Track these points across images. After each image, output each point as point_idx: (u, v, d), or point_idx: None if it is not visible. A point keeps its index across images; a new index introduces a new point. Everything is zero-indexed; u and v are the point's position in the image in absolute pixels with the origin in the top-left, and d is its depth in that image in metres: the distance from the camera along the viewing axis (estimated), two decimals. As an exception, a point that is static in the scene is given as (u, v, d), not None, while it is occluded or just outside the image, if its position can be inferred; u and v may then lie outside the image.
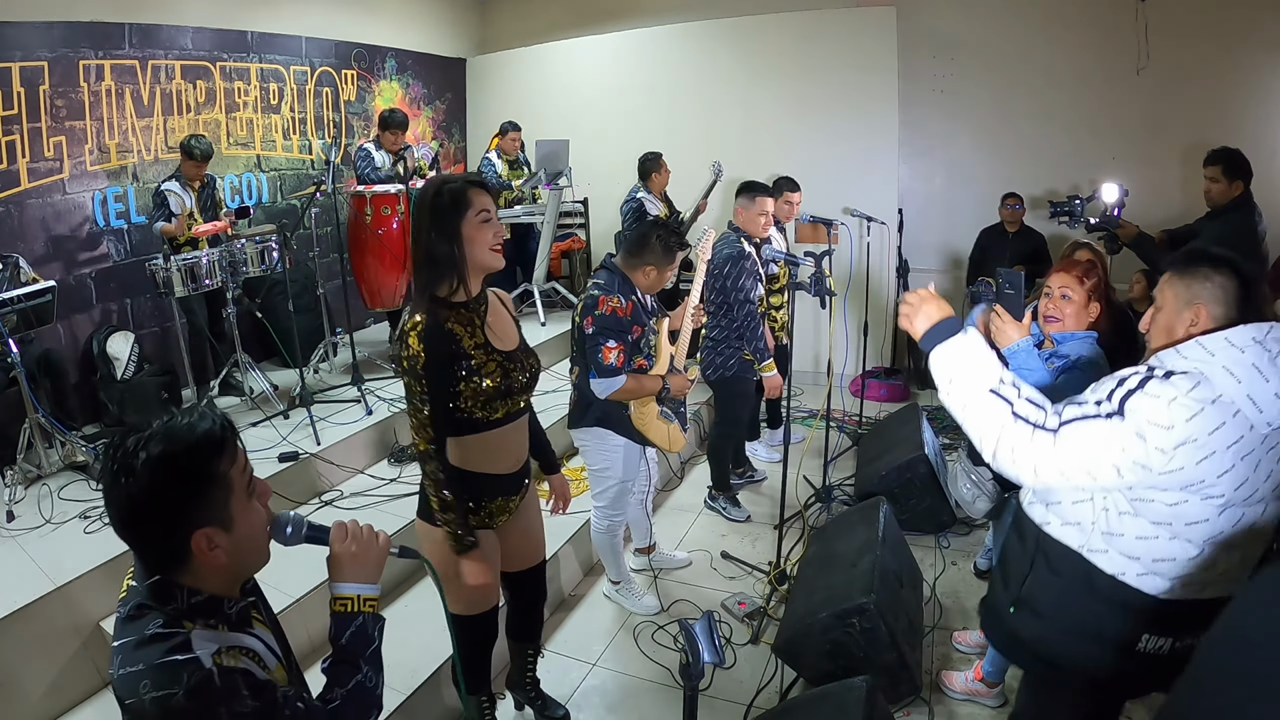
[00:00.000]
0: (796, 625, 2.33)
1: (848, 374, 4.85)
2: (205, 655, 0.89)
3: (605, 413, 2.53)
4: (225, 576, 0.99)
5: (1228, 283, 1.35)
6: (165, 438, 0.91)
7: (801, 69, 5.22)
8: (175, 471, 0.90)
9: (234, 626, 0.98)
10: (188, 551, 0.92)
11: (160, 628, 0.91)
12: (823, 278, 3.17)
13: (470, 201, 1.62)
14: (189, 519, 0.91)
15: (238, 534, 0.96)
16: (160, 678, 0.87)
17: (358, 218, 4.28)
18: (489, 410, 1.67)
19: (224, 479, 0.94)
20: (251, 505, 0.99)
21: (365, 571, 1.08)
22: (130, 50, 4.00)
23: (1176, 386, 1.25)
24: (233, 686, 0.88)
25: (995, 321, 1.90)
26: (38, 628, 2.19)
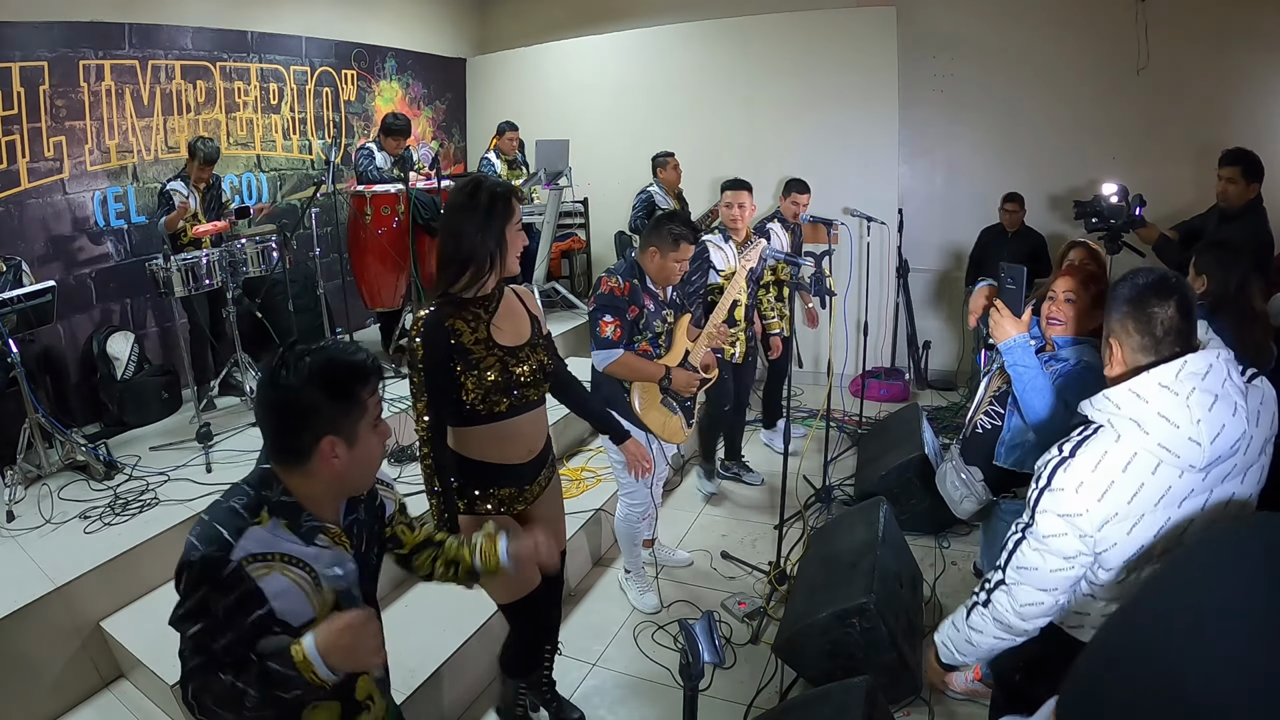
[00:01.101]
0: (796, 625, 2.33)
1: (848, 374, 4.85)
2: (240, 550, 1.03)
3: (609, 395, 2.60)
4: (331, 486, 1.13)
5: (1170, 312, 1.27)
6: (328, 353, 1.08)
7: (801, 69, 5.22)
8: (330, 378, 1.06)
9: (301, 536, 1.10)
10: (313, 451, 1.07)
11: (240, 505, 1.07)
12: (823, 278, 3.17)
13: (514, 209, 1.74)
14: (326, 422, 1.07)
15: (357, 452, 1.11)
16: (204, 532, 1.04)
17: (358, 218, 4.28)
18: (491, 403, 1.74)
19: (362, 402, 1.10)
20: (374, 434, 1.14)
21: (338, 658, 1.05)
22: (130, 50, 4.00)
23: (1079, 469, 1.25)
24: (229, 587, 1.01)
25: (994, 315, 1.90)
26: (38, 628, 2.19)
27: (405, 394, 3.69)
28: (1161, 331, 1.27)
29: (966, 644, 1.43)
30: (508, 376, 1.74)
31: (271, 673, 1.03)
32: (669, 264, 2.53)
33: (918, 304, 5.51)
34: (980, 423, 2.10)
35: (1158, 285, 1.28)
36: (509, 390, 1.75)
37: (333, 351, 1.10)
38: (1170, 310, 1.26)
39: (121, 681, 2.34)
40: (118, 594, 2.39)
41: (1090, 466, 1.24)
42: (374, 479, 1.22)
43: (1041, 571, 1.29)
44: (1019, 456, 1.98)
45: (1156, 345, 1.27)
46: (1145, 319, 1.27)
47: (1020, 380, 1.86)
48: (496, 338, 1.75)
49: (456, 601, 2.52)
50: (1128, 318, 1.30)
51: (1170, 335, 1.26)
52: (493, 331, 1.75)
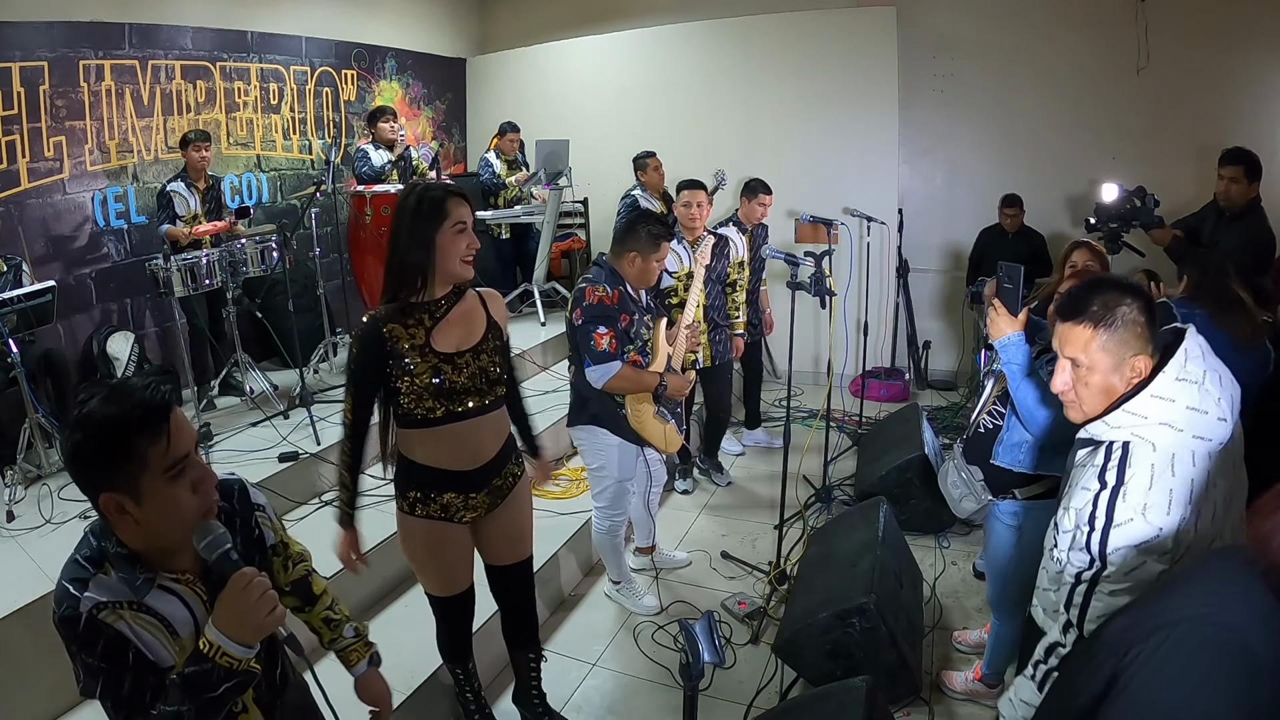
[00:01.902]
0: (796, 625, 2.33)
1: (848, 374, 4.85)
2: (88, 600, 0.97)
3: (599, 411, 2.54)
4: (144, 542, 1.03)
5: (1141, 315, 1.27)
6: (103, 400, 0.97)
7: (801, 69, 5.22)
8: (91, 435, 0.96)
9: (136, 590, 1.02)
10: (99, 508, 1.00)
11: (83, 557, 1.02)
12: (822, 278, 3.17)
13: (448, 212, 1.67)
14: (99, 479, 0.98)
15: (148, 510, 0.99)
16: (57, 593, 1.00)
17: (358, 218, 4.28)
18: (426, 409, 1.73)
19: (137, 455, 0.97)
20: (171, 488, 1.00)
21: (236, 629, 1.01)
22: (130, 50, 4.00)
23: (1137, 493, 1.21)
24: (91, 638, 0.96)
25: (991, 314, 1.91)
26: (38, 628, 2.19)
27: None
28: (1152, 331, 1.29)
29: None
30: (439, 382, 1.71)
31: (191, 678, 0.99)
32: (650, 266, 2.47)
33: (918, 304, 5.51)
34: (983, 422, 2.11)
35: (1133, 288, 1.30)
36: (441, 396, 1.72)
37: (107, 398, 0.97)
38: (1145, 305, 1.29)
39: (121, 681, 2.34)
40: (117, 594, 2.39)
41: (1145, 486, 1.21)
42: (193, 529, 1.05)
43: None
44: (1016, 456, 1.98)
45: (1154, 341, 1.29)
46: (1150, 322, 1.28)
47: (1014, 378, 1.87)
48: (435, 344, 1.72)
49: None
50: (1146, 328, 1.27)
51: (1147, 331, 1.29)
52: (433, 338, 1.72)
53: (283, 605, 1.11)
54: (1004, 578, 2.10)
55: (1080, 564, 1.27)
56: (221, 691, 1.01)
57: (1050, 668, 1.32)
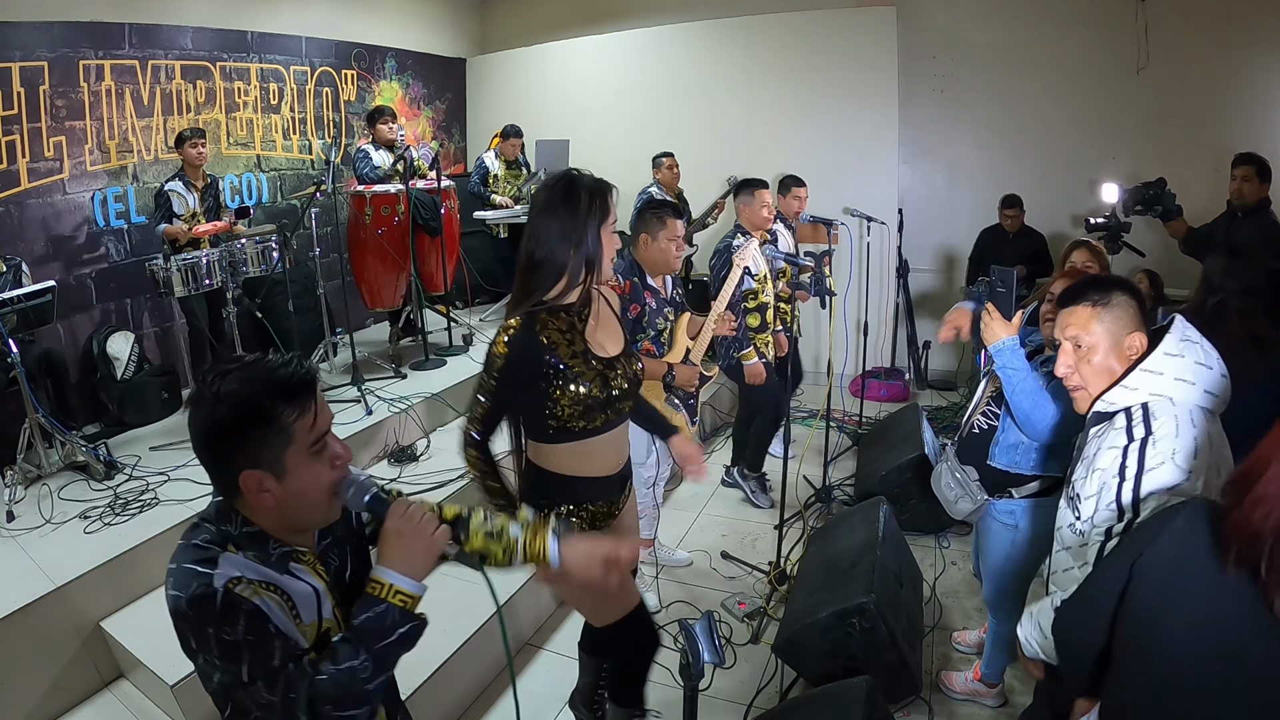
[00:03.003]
0: (796, 625, 2.33)
1: (848, 374, 4.85)
2: (220, 577, 0.92)
3: None
4: (277, 520, 1.00)
5: (1133, 301, 1.38)
6: (241, 376, 0.94)
7: (801, 69, 5.22)
8: (236, 409, 0.93)
9: (273, 565, 0.99)
10: (238, 486, 0.95)
11: (203, 541, 0.96)
12: (823, 278, 3.18)
13: (610, 208, 1.58)
14: (241, 456, 0.94)
15: (290, 485, 0.97)
16: (178, 579, 0.94)
17: (358, 218, 4.28)
18: (589, 419, 1.60)
19: (285, 428, 0.95)
20: (314, 464, 0.99)
21: (405, 560, 1.01)
22: (130, 50, 4.00)
23: (1166, 439, 1.25)
24: (230, 613, 0.90)
25: (985, 318, 1.92)
26: (38, 628, 2.19)
27: (404, 394, 3.73)
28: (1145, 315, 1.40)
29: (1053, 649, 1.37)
30: (608, 391, 1.59)
31: (363, 626, 0.97)
32: (663, 244, 2.50)
33: (918, 304, 5.51)
34: (977, 423, 2.11)
35: (1125, 284, 1.42)
36: (607, 406, 1.60)
37: (248, 371, 0.95)
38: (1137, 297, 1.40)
39: (121, 681, 2.34)
40: (118, 594, 2.39)
41: (1173, 434, 1.25)
42: (333, 510, 1.05)
43: None
44: (1012, 457, 1.98)
45: (1146, 328, 1.39)
46: (1141, 307, 1.39)
47: (1009, 382, 1.87)
48: (594, 349, 1.60)
49: (456, 602, 2.51)
50: (1139, 311, 1.38)
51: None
52: (590, 343, 1.60)
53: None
54: (1001, 576, 2.10)
55: (1109, 520, 1.29)
56: (396, 637, 0.98)
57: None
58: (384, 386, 3.89)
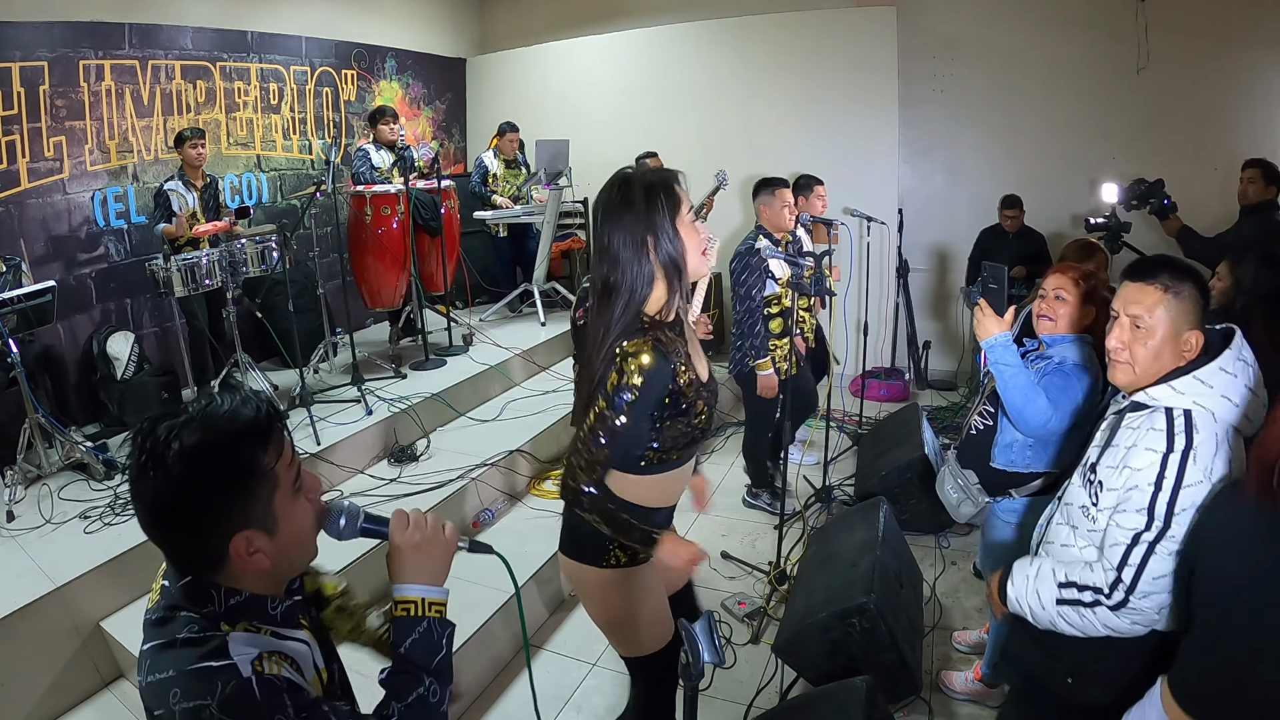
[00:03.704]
0: (796, 625, 2.33)
1: (848, 374, 4.85)
2: (244, 662, 0.77)
3: None
4: (269, 580, 0.88)
5: (1200, 298, 1.35)
6: (203, 426, 0.78)
7: (801, 69, 5.22)
8: (212, 466, 0.78)
9: (281, 625, 0.88)
10: (225, 556, 0.81)
11: (194, 631, 0.80)
12: (823, 278, 3.18)
13: (681, 197, 1.38)
14: (227, 520, 0.80)
15: (282, 536, 0.84)
16: (192, 686, 0.76)
17: (358, 218, 4.28)
18: (688, 450, 1.47)
19: (268, 475, 0.82)
20: (299, 502, 0.87)
21: (430, 570, 0.96)
22: (130, 50, 4.00)
23: (1205, 456, 1.25)
24: (274, 699, 0.77)
25: (977, 314, 1.93)
26: (38, 628, 2.19)
27: (404, 394, 3.73)
28: (1205, 314, 1.37)
29: (1048, 622, 1.40)
30: (710, 417, 1.46)
31: (411, 651, 0.92)
32: None
33: (918, 304, 5.51)
34: (974, 424, 2.12)
35: (1195, 274, 1.37)
36: (705, 433, 1.47)
37: (209, 420, 0.80)
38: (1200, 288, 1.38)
39: (121, 681, 2.35)
40: (118, 594, 2.39)
41: (1212, 452, 1.26)
42: (316, 547, 0.94)
43: (1172, 575, 1.28)
44: (1009, 456, 1.99)
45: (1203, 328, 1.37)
46: (1205, 308, 1.36)
47: (1002, 378, 1.88)
48: (700, 373, 1.45)
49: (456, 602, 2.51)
50: (1202, 311, 1.35)
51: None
52: (694, 367, 1.44)
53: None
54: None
55: (1136, 524, 1.29)
56: (446, 648, 0.95)
57: (1080, 601, 1.35)
58: (384, 386, 3.90)
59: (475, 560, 1.30)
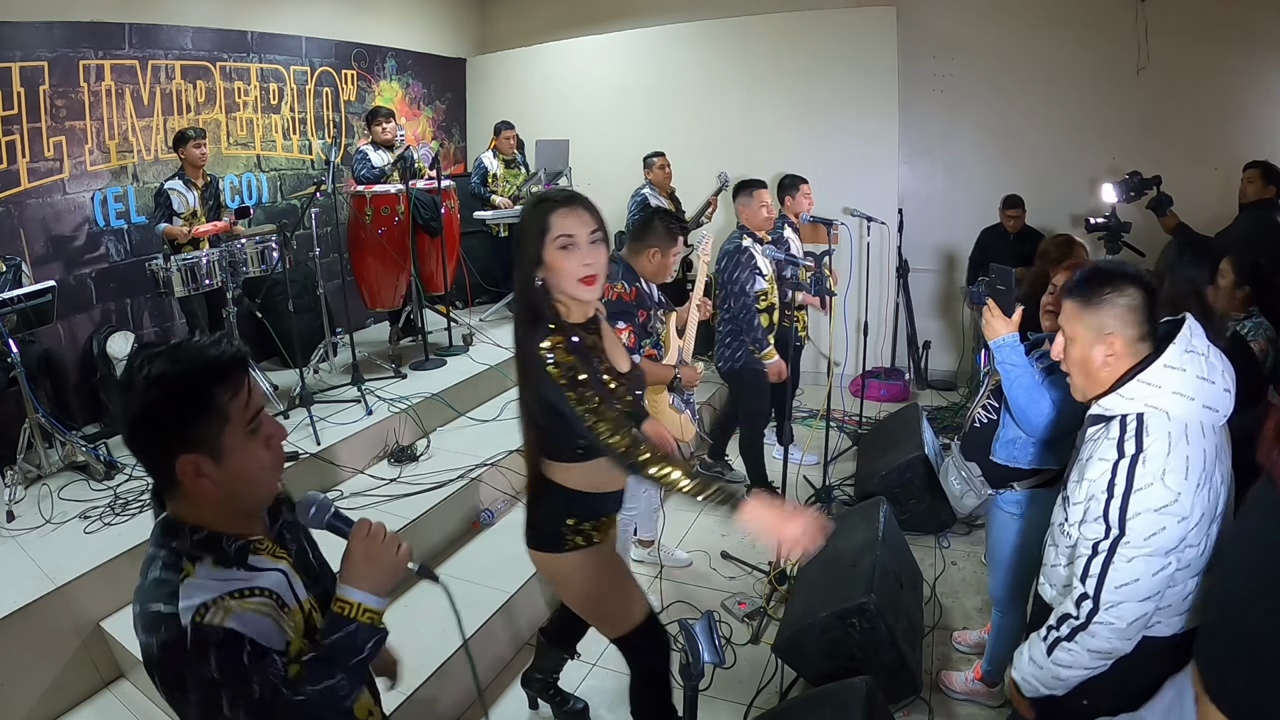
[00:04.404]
0: (796, 625, 2.33)
1: (848, 374, 4.85)
2: (185, 611, 0.89)
3: None
4: (218, 508, 0.97)
5: (1134, 301, 1.34)
6: (170, 357, 0.92)
7: (801, 69, 5.22)
8: (168, 391, 0.90)
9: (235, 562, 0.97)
10: (174, 474, 0.93)
11: (159, 572, 0.93)
12: (823, 278, 3.19)
13: (549, 226, 1.48)
14: (176, 440, 0.91)
15: (228, 468, 0.94)
16: (145, 623, 0.91)
17: (358, 218, 4.28)
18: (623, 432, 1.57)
19: (219, 409, 0.93)
20: (250, 443, 0.96)
21: (371, 580, 1.03)
22: (130, 50, 4.00)
23: (1156, 458, 1.25)
24: (202, 652, 0.87)
25: (985, 315, 1.96)
26: (38, 628, 2.19)
27: (404, 394, 3.73)
28: (1150, 315, 1.35)
29: (1054, 679, 1.39)
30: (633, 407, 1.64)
31: (335, 646, 0.99)
32: (669, 260, 2.54)
33: (918, 304, 5.51)
34: (977, 418, 2.14)
35: (1124, 274, 1.36)
36: (636, 419, 1.63)
37: (177, 353, 0.93)
38: (1143, 295, 1.35)
39: (121, 681, 2.35)
40: (118, 594, 2.39)
41: (1164, 453, 1.25)
42: (271, 490, 1.04)
43: (1144, 579, 1.26)
44: (1011, 452, 2.02)
45: (1150, 330, 1.36)
46: (1144, 308, 1.34)
47: (1008, 377, 1.92)
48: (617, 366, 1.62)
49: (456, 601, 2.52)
50: (1129, 311, 1.34)
51: (1152, 317, 1.35)
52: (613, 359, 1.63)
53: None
54: (1008, 567, 2.12)
55: (1096, 534, 1.30)
56: (367, 653, 1.01)
57: (1060, 636, 1.35)
58: (384, 386, 3.90)
59: (477, 560, 1.32)
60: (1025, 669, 1.44)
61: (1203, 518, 1.26)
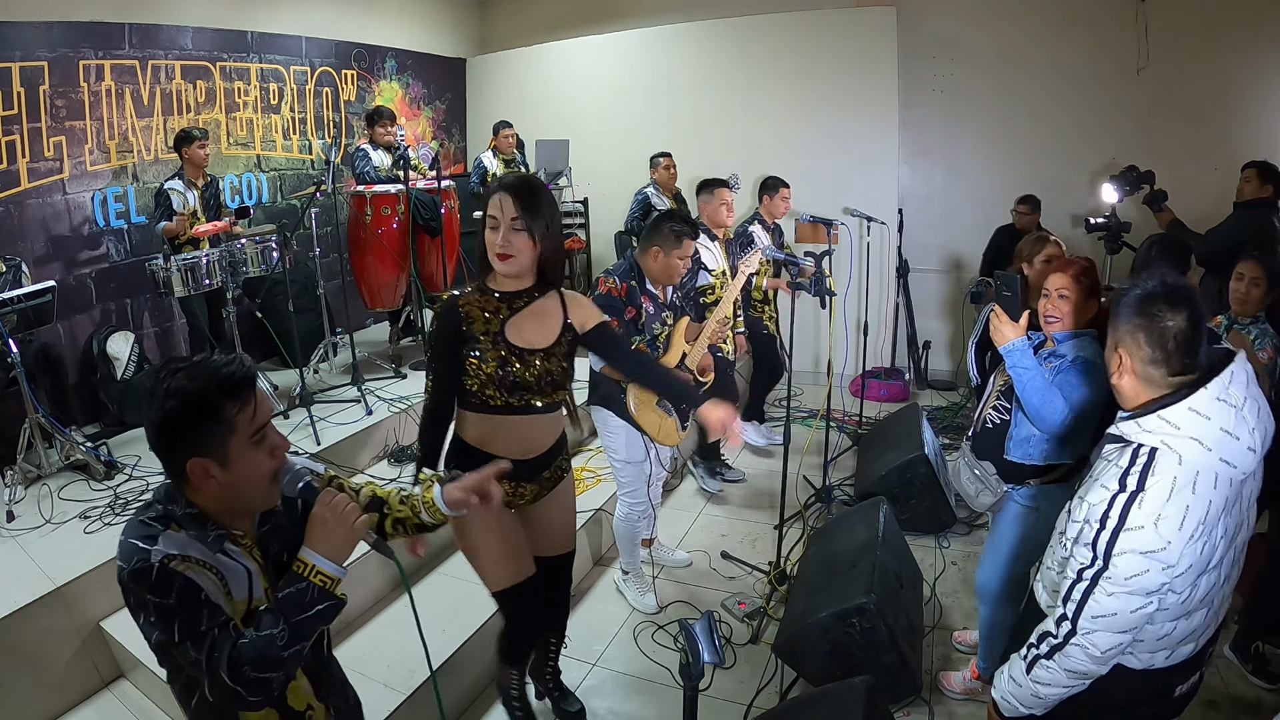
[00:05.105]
0: (796, 625, 2.33)
1: (848, 374, 4.85)
2: (157, 553, 1.02)
3: (607, 393, 2.62)
4: (220, 504, 1.10)
5: (1155, 325, 1.25)
6: (189, 373, 1.04)
7: (801, 69, 5.22)
8: (184, 402, 1.03)
9: (208, 546, 1.08)
10: (184, 473, 1.06)
11: (150, 518, 1.07)
12: (823, 278, 3.19)
13: (487, 205, 1.75)
14: (189, 445, 1.04)
15: (233, 473, 1.07)
16: (123, 551, 1.05)
17: (358, 218, 4.28)
18: (487, 395, 1.79)
19: (228, 420, 1.05)
20: (255, 453, 1.09)
21: (328, 545, 1.10)
22: (130, 50, 3.99)
23: (1154, 502, 1.21)
24: (164, 585, 1.00)
25: (993, 321, 1.98)
26: (38, 628, 2.19)
27: (404, 394, 3.73)
28: (1173, 345, 1.24)
29: (1033, 697, 1.38)
30: (505, 373, 1.77)
31: (285, 599, 1.05)
32: (673, 262, 2.55)
33: (918, 304, 5.51)
34: (989, 417, 2.17)
35: (1168, 295, 1.25)
36: (504, 387, 1.78)
37: (195, 369, 1.06)
38: (1182, 321, 1.23)
39: (121, 681, 2.34)
40: (117, 594, 2.33)
41: (1164, 497, 1.20)
42: (272, 496, 1.16)
43: (1121, 615, 1.24)
44: (1026, 450, 2.05)
45: (1168, 358, 1.25)
46: (1158, 332, 1.25)
47: (1020, 381, 1.93)
48: (509, 335, 1.78)
49: (456, 601, 2.52)
50: (1139, 330, 1.27)
51: (1181, 348, 1.24)
52: (507, 328, 1.78)
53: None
54: (1007, 557, 2.13)
55: (1083, 561, 1.28)
56: (314, 612, 1.06)
57: (1040, 654, 1.34)
58: (384, 386, 3.90)
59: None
60: (1004, 687, 1.44)
61: (1190, 569, 1.22)
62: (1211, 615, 1.33)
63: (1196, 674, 1.40)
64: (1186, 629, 1.31)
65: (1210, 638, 1.37)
